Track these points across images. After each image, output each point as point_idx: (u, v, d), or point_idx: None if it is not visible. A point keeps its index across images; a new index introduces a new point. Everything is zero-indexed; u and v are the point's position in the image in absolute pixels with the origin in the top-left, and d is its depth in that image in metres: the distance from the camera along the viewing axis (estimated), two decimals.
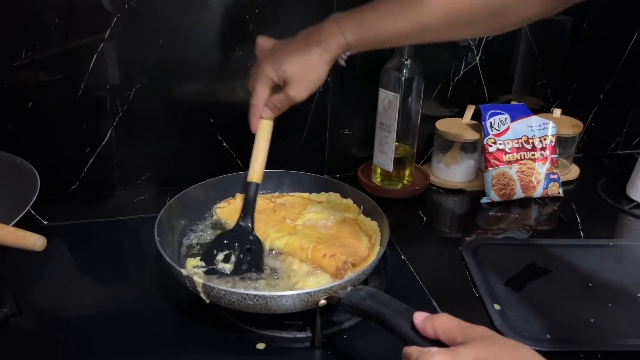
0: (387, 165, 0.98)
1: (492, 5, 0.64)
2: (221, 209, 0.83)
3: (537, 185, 1.01)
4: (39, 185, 0.76)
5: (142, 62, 0.90)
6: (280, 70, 0.71)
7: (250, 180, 0.77)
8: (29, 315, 0.70)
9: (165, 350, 0.65)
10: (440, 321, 0.48)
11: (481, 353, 0.43)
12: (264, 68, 0.72)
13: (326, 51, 0.69)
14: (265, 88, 0.73)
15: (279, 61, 0.71)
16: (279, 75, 0.71)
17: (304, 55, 0.70)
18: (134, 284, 0.76)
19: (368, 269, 0.67)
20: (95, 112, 0.91)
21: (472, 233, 0.92)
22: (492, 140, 0.99)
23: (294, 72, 0.70)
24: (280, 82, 0.72)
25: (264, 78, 0.72)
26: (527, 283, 0.78)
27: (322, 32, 0.69)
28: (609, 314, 0.72)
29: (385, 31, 0.67)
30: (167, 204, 0.78)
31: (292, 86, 0.71)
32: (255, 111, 0.76)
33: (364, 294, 0.59)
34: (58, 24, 0.84)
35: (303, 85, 0.71)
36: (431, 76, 1.03)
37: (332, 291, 0.62)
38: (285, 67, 0.70)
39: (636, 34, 1.11)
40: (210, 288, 0.62)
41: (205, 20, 0.90)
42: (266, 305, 0.62)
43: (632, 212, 0.99)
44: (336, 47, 0.69)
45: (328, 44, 0.69)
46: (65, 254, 0.82)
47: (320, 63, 0.70)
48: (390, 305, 0.55)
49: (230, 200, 0.85)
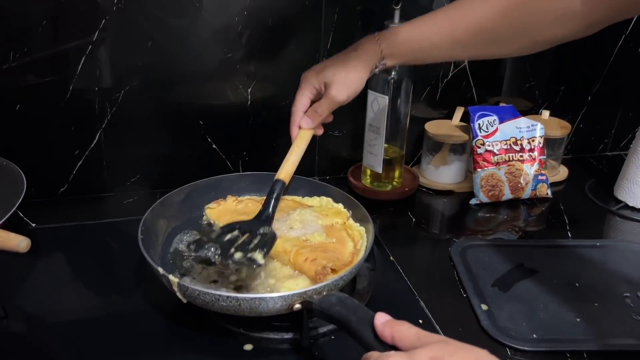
0: (376, 166, 0.98)
1: (521, 20, 0.65)
2: (211, 209, 0.83)
3: (525, 187, 1.01)
4: (25, 187, 0.75)
5: (131, 64, 0.90)
6: (321, 75, 0.75)
7: (277, 177, 0.78)
8: (16, 318, 0.70)
9: (153, 352, 0.65)
10: (400, 328, 0.48)
11: (437, 352, 0.44)
12: (306, 76, 0.77)
13: (363, 57, 0.74)
14: (306, 95, 0.77)
15: (320, 69, 0.76)
16: (320, 79, 0.75)
17: (344, 61, 0.75)
18: (121, 287, 0.76)
19: (347, 275, 0.66)
20: (83, 114, 0.91)
21: (461, 234, 0.93)
22: (480, 141, 1.00)
23: (334, 74, 0.74)
24: (322, 87, 0.76)
25: (305, 85, 0.77)
26: (515, 283, 0.78)
27: (360, 43, 0.76)
28: (595, 313, 0.72)
29: (418, 44, 0.72)
30: (154, 205, 0.78)
31: (332, 86, 0.75)
32: (295, 118, 0.78)
33: (334, 300, 0.59)
34: (46, 26, 0.83)
35: (344, 85, 0.74)
36: (420, 78, 1.04)
37: (307, 296, 0.61)
38: (325, 72, 0.75)
39: (623, 36, 1.12)
40: (184, 287, 0.62)
41: (194, 22, 0.90)
42: (239, 308, 0.61)
43: (619, 212, 1.00)
44: (372, 55, 0.74)
45: (365, 51, 0.74)
46: (54, 256, 0.82)
47: (358, 67, 0.74)
48: (357, 312, 0.55)
49: (220, 201, 0.85)
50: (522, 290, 0.77)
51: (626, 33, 1.12)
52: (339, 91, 0.75)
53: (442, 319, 0.70)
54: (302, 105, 0.78)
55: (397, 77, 0.92)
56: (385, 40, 0.73)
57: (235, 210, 0.83)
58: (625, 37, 1.12)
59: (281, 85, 0.99)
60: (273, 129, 1.02)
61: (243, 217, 0.77)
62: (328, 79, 0.75)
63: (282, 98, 0.99)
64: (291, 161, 0.79)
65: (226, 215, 0.81)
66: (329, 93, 0.75)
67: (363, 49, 0.75)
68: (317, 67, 0.77)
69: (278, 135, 1.03)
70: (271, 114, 1.00)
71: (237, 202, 0.86)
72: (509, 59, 1.10)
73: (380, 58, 0.74)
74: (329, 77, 0.75)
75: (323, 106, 0.77)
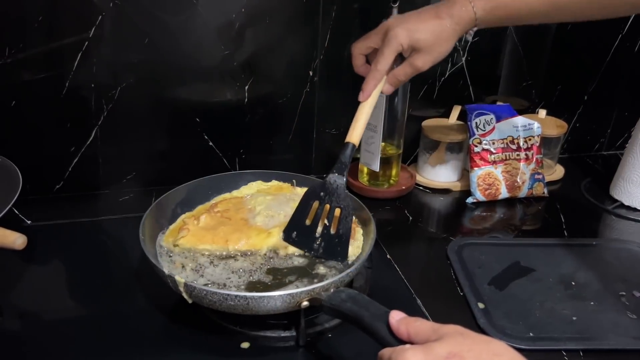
0: (373, 165, 0.98)
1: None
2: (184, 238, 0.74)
3: (522, 185, 1.01)
4: (20, 184, 0.75)
5: (128, 61, 0.89)
6: (414, 38, 0.70)
7: (348, 140, 0.75)
8: (11, 316, 0.69)
9: (149, 350, 0.65)
10: (415, 324, 0.48)
11: (454, 347, 0.43)
12: (397, 33, 0.70)
13: (457, 24, 0.70)
14: (393, 54, 0.72)
15: (413, 29, 0.70)
16: (411, 42, 0.70)
17: (437, 26, 0.70)
18: (117, 285, 0.76)
19: (352, 272, 0.67)
20: (79, 111, 0.91)
21: (457, 232, 0.93)
22: (477, 140, 1.00)
23: (426, 41, 0.70)
24: (409, 50, 0.72)
25: (395, 43, 0.71)
26: (511, 282, 0.78)
27: (453, 6, 0.70)
28: (591, 312, 0.73)
29: (516, 8, 0.68)
30: (154, 203, 0.78)
31: (420, 55, 0.71)
32: (377, 75, 0.73)
33: (344, 296, 0.59)
34: (42, 22, 0.83)
35: (431, 56, 0.71)
36: (417, 76, 1.02)
37: (314, 293, 0.62)
38: (418, 35, 0.70)
39: (620, 36, 1.12)
40: (191, 288, 0.62)
41: (191, 19, 0.89)
42: (247, 306, 0.61)
43: (615, 211, 1.01)
44: (467, 21, 0.70)
45: (460, 17, 0.69)
46: (49, 253, 0.82)
47: (450, 35, 0.70)
48: (370, 308, 0.55)
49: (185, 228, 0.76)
50: (519, 289, 0.77)
51: (623, 32, 1.12)
52: (425, 62, 0.71)
53: (438, 317, 0.69)
54: (387, 64, 0.72)
55: None
56: (479, 5, 0.69)
57: (212, 224, 0.77)
58: (622, 37, 1.12)
59: (278, 82, 0.99)
60: (270, 126, 1.02)
61: (227, 222, 0.77)
62: (419, 45, 0.70)
63: (280, 96, 0.99)
64: (361, 122, 0.76)
65: (205, 233, 0.75)
66: (414, 61, 0.71)
67: (458, 15, 0.69)
68: (408, 25, 0.71)
69: (275, 133, 1.02)
70: (268, 112, 1.00)
71: (210, 215, 0.79)
72: (505, 58, 1.10)
73: (473, 24, 0.70)
74: (420, 43, 0.70)
75: (407, 74, 0.73)
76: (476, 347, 0.43)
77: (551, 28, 1.10)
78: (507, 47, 1.09)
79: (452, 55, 1.06)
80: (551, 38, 1.11)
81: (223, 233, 0.74)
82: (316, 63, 0.98)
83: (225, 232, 0.74)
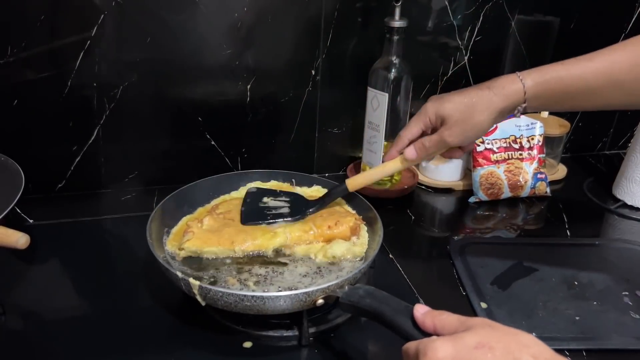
0: (376, 164, 0.98)
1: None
2: (189, 241, 0.73)
3: (524, 185, 1.01)
4: (23, 183, 0.75)
5: (130, 60, 0.89)
6: (441, 108, 0.67)
7: (346, 180, 0.77)
8: (14, 315, 0.69)
9: (152, 349, 0.65)
10: (441, 317, 0.48)
11: (483, 337, 0.43)
12: (425, 105, 0.69)
13: (496, 96, 0.65)
14: (419, 124, 0.70)
15: (443, 100, 0.68)
16: (438, 112, 0.67)
17: (470, 98, 0.66)
18: (119, 283, 0.76)
19: (364, 268, 0.67)
20: (82, 110, 0.91)
21: (459, 232, 0.93)
22: (480, 139, 1.00)
23: (453, 111, 0.66)
24: (438, 121, 0.69)
25: (422, 114, 0.69)
26: (514, 282, 0.78)
27: (498, 79, 0.66)
28: (594, 312, 0.72)
29: (570, 83, 0.64)
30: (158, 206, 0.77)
31: (447, 127, 0.67)
32: (399, 142, 0.72)
33: (362, 292, 0.59)
34: (44, 21, 0.83)
35: (460, 129, 0.67)
36: (420, 76, 1.03)
37: (329, 290, 0.62)
38: (446, 105, 0.67)
39: (622, 34, 1.12)
40: (206, 290, 0.62)
41: (193, 18, 0.89)
42: (264, 306, 0.61)
43: (617, 211, 1.00)
44: (511, 93, 0.65)
45: (502, 89, 0.65)
46: (52, 253, 0.82)
47: (485, 108, 0.65)
48: (390, 303, 0.55)
49: (189, 230, 0.76)
50: (521, 289, 0.77)
51: (625, 32, 1.12)
52: (452, 134, 0.67)
53: None
54: (411, 133, 0.71)
55: (397, 74, 0.92)
56: (528, 77, 0.65)
57: (216, 227, 0.76)
58: (625, 36, 1.12)
59: (281, 81, 0.99)
60: (272, 125, 1.02)
61: (230, 223, 0.77)
62: (446, 115, 0.67)
63: (282, 95, 0.99)
64: (367, 175, 0.76)
65: (209, 235, 0.74)
66: (442, 133, 0.67)
67: (500, 86, 0.65)
68: (443, 98, 0.68)
69: (277, 132, 1.02)
70: (271, 111, 1.00)
71: (212, 217, 0.78)
72: (508, 57, 1.10)
73: (521, 99, 0.65)
74: (447, 113, 0.67)
75: (433, 143, 0.69)
76: (505, 338, 0.43)
77: (553, 27, 1.10)
78: (510, 46, 1.09)
79: (455, 55, 1.06)
80: (554, 36, 1.10)
81: (228, 235, 0.74)
82: (318, 62, 0.98)
83: (230, 234, 0.74)
